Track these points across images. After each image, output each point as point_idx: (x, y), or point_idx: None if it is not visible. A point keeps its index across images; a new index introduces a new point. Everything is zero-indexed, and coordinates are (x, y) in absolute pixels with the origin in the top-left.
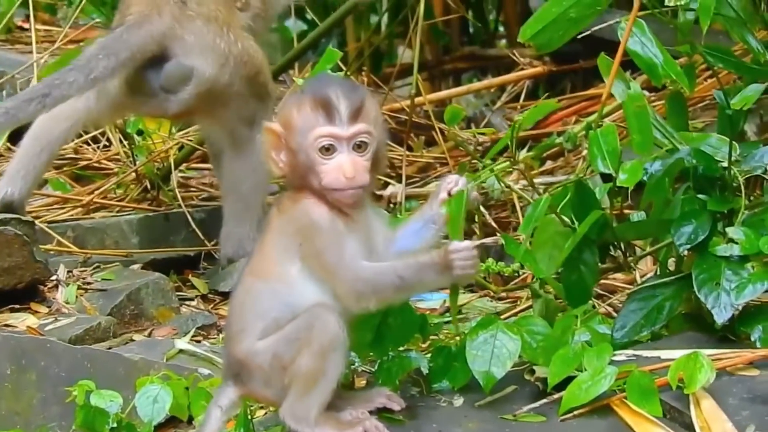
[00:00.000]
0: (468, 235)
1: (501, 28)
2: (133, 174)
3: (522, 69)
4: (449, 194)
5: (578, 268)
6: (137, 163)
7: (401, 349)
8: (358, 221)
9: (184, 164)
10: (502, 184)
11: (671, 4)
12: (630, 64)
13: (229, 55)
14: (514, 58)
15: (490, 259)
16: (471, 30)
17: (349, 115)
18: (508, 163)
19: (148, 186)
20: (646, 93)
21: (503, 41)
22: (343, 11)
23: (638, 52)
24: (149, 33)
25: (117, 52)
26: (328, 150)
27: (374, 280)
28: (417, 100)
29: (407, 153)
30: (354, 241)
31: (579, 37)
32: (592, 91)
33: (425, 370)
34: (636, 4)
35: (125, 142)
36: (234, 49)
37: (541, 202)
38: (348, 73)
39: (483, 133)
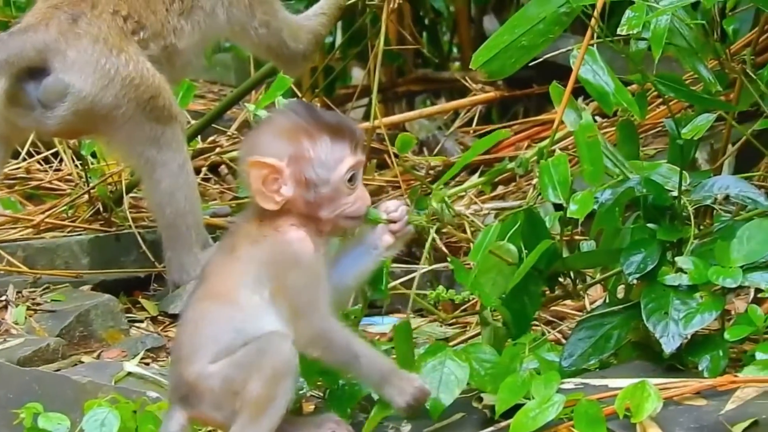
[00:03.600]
0: (417, 258)
1: (455, 50)
2: (86, 195)
3: (475, 94)
4: (389, 220)
5: (522, 297)
6: (90, 184)
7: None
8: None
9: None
10: (451, 211)
11: (623, 32)
12: (583, 91)
13: (116, 76)
14: (466, 84)
15: (441, 287)
16: (425, 52)
17: (360, 142)
18: (458, 189)
19: (101, 208)
20: (598, 119)
21: (457, 63)
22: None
23: (590, 80)
24: (31, 41)
25: None
26: (352, 180)
27: (336, 342)
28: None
29: None
30: (327, 283)
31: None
32: (544, 117)
33: (376, 397)
34: (588, 33)
35: (78, 163)
36: (123, 71)
37: (491, 230)
38: (302, 95)
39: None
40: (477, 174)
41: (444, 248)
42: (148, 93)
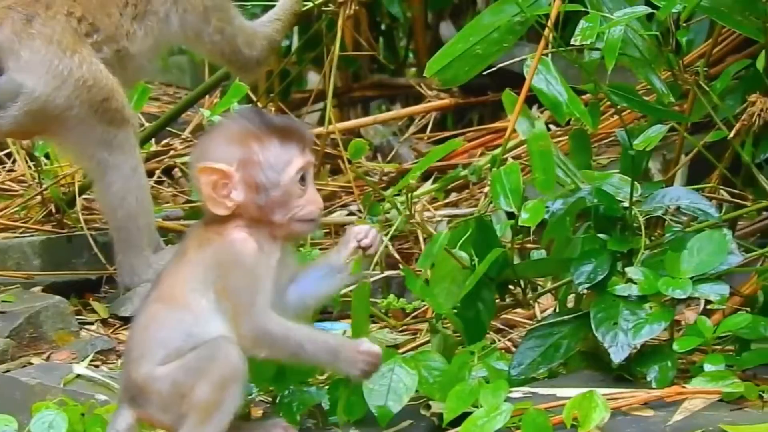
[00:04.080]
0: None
1: (411, 56)
2: (39, 197)
3: (430, 100)
4: (360, 247)
5: (476, 305)
6: (43, 186)
7: (301, 383)
8: (277, 257)
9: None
10: (405, 214)
11: (577, 43)
12: (537, 99)
13: (69, 77)
14: (422, 90)
15: (392, 295)
16: (381, 59)
17: (309, 143)
18: (411, 195)
19: (53, 210)
20: (551, 127)
21: (413, 69)
22: None
23: (543, 90)
24: None
25: None
26: (303, 181)
27: (276, 336)
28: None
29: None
30: (270, 284)
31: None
32: (498, 124)
33: (326, 406)
34: (542, 43)
35: (31, 164)
36: (76, 73)
37: (441, 238)
38: (257, 99)
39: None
40: (430, 180)
41: (396, 255)
42: (101, 95)
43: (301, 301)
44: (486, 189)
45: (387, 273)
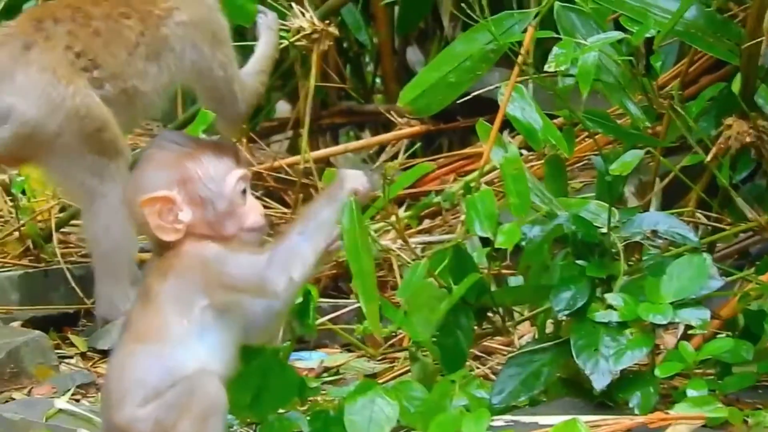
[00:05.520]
0: (344, 293)
1: (378, 82)
2: (16, 233)
3: (400, 128)
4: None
5: (454, 332)
6: (20, 221)
7: (280, 411)
8: None
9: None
10: (378, 245)
11: (551, 69)
12: (508, 123)
13: (61, 106)
14: (392, 118)
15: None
16: (348, 89)
17: (242, 158)
18: (383, 223)
19: (31, 246)
20: (524, 152)
21: (381, 95)
22: None
23: (518, 117)
24: None
25: None
26: (244, 192)
27: (280, 254)
28: (296, 158)
29: (287, 211)
30: (246, 250)
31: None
32: (470, 150)
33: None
34: (515, 70)
35: (8, 200)
36: (69, 102)
37: (419, 267)
38: None
39: None
40: (403, 208)
41: None
42: (93, 126)
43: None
44: (459, 215)
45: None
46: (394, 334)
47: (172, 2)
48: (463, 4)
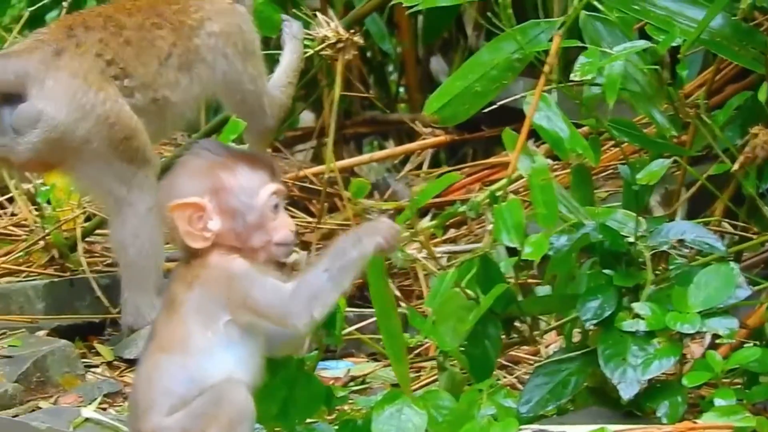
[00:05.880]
0: (370, 303)
1: (402, 91)
2: (41, 242)
3: (425, 137)
4: None
5: (482, 342)
6: (46, 230)
7: (308, 421)
8: None
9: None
10: (404, 254)
11: (577, 78)
12: (534, 132)
13: (91, 112)
14: (416, 128)
15: None
16: (372, 98)
17: (278, 172)
18: (410, 232)
19: (56, 255)
20: (549, 161)
21: (404, 105)
22: None
23: (544, 126)
24: (11, 66)
25: None
26: (276, 207)
27: (305, 289)
28: (321, 167)
29: (312, 220)
30: (272, 274)
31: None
32: (494, 159)
33: None
34: (542, 79)
35: (33, 209)
36: (99, 109)
37: (447, 277)
38: None
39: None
40: (428, 217)
41: (397, 292)
42: (122, 133)
43: None
44: (485, 225)
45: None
46: (420, 343)
47: (203, 13)
48: (488, 14)
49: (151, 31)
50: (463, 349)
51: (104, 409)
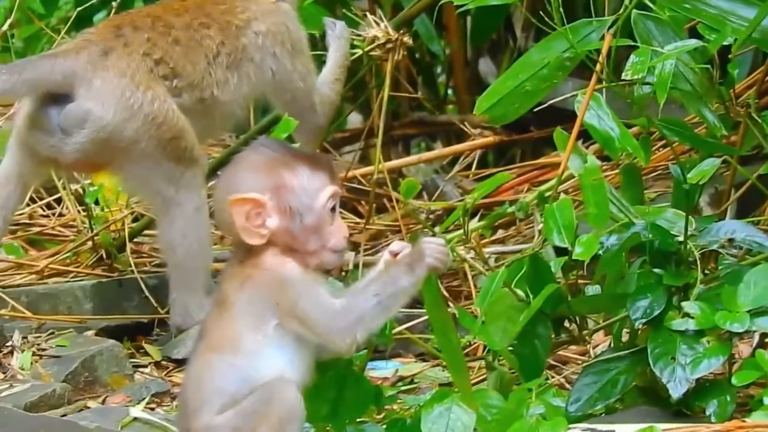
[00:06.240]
0: (419, 303)
1: (450, 93)
2: (89, 242)
3: (473, 138)
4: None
5: (532, 341)
6: (94, 231)
7: (358, 420)
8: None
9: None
10: (454, 254)
11: (628, 77)
12: (583, 133)
13: (139, 112)
14: (465, 128)
15: None
16: (421, 98)
17: (337, 175)
18: (459, 232)
19: (104, 255)
20: (599, 162)
21: (452, 106)
22: None
23: (595, 126)
24: (59, 66)
25: (21, 71)
26: (333, 210)
27: (353, 311)
28: (369, 168)
29: (360, 221)
30: (324, 286)
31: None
32: (543, 160)
33: None
34: (593, 79)
35: (81, 209)
36: (146, 108)
37: (497, 276)
38: None
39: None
40: (477, 218)
41: (445, 292)
42: (170, 133)
43: None
44: (533, 225)
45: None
46: (468, 343)
47: (250, 13)
48: (539, 12)
49: (199, 31)
50: (512, 348)
51: (152, 409)
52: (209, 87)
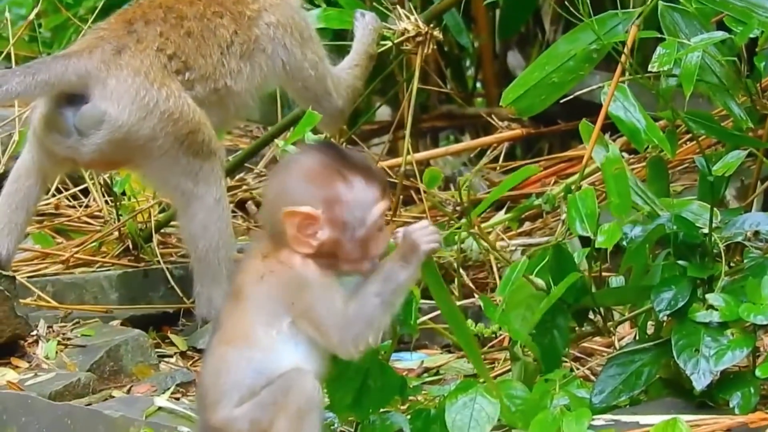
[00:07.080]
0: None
1: (479, 85)
2: (116, 232)
3: (501, 131)
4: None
5: (551, 332)
6: (120, 221)
7: (382, 410)
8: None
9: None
10: (480, 246)
11: (654, 69)
12: (610, 126)
13: (155, 109)
14: (492, 121)
15: (469, 321)
16: (449, 92)
17: (387, 187)
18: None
19: (130, 245)
20: (625, 155)
21: (480, 99)
22: None
23: (621, 117)
24: (73, 66)
25: (35, 72)
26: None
27: (361, 315)
28: (396, 160)
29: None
30: (340, 291)
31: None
32: (570, 153)
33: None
34: (618, 70)
35: (108, 200)
36: (162, 105)
37: (519, 265)
38: None
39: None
40: (504, 210)
41: (471, 284)
42: (187, 128)
43: None
44: (560, 217)
45: (462, 302)
46: (494, 335)
47: (260, 4)
48: (566, 3)
49: (213, 20)
50: (531, 338)
51: (177, 399)
52: (222, 77)
